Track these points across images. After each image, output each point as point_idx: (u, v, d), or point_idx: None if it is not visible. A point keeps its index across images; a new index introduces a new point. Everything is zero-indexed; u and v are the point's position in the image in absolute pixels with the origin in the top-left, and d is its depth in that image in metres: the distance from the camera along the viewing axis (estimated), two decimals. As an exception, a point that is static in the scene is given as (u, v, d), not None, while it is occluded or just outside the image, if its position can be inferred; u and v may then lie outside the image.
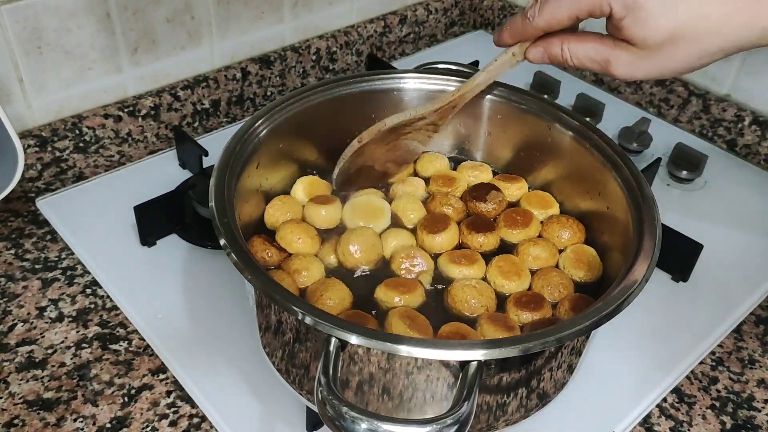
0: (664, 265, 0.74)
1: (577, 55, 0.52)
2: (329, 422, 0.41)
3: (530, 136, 0.69)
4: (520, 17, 0.54)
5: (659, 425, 0.61)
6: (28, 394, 0.59)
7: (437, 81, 0.70)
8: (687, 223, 0.74)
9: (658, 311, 0.70)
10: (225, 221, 0.51)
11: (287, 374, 0.54)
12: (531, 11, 0.52)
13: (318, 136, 0.69)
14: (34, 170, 0.82)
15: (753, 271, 0.75)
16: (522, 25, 0.54)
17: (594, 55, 0.51)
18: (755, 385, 0.65)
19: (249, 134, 0.61)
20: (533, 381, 0.50)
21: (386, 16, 1.09)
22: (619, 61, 0.50)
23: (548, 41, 0.54)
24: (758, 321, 0.71)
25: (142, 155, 0.87)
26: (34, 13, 0.75)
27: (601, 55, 0.51)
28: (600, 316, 0.46)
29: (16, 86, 0.78)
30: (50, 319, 0.66)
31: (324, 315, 0.45)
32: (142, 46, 0.85)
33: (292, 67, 1.00)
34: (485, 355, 0.43)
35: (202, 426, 0.58)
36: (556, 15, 0.51)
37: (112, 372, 0.62)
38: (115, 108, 0.86)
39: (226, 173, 0.56)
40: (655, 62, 0.49)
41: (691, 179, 0.87)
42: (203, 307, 0.67)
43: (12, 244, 0.73)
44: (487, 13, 1.20)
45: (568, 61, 0.53)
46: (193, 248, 0.73)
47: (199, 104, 0.92)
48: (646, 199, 0.56)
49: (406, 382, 0.47)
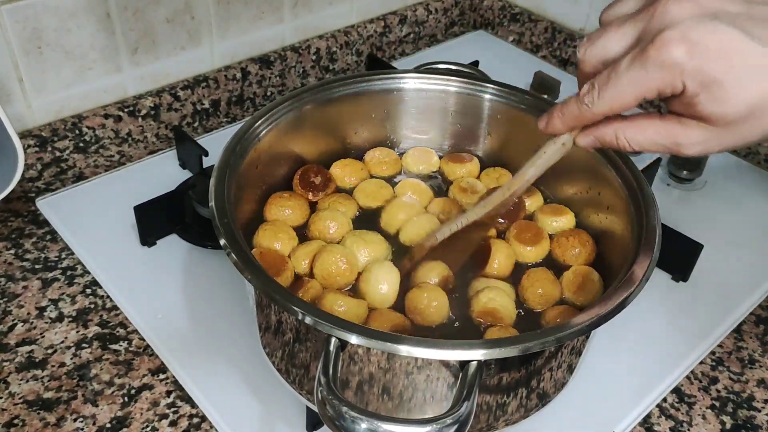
0: (664, 265, 0.74)
1: (637, 141, 0.46)
2: (329, 422, 0.41)
3: (530, 136, 0.68)
4: (575, 103, 0.47)
5: (659, 425, 0.61)
6: (28, 394, 0.59)
7: (437, 81, 0.70)
8: (687, 223, 0.74)
9: (658, 311, 0.70)
10: (225, 221, 0.51)
11: (287, 374, 0.54)
12: (588, 97, 0.45)
13: (318, 136, 0.69)
14: (34, 170, 0.82)
15: (753, 271, 0.75)
16: (579, 112, 0.47)
17: (659, 139, 0.45)
18: (755, 385, 0.65)
19: (249, 134, 0.61)
20: (533, 381, 0.50)
21: (386, 16, 1.09)
22: (691, 141, 0.44)
23: (600, 130, 0.48)
24: (758, 321, 0.71)
25: (142, 155, 0.87)
26: (34, 13, 0.75)
27: (669, 139, 0.45)
28: (600, 316, 0.46)
29: (16, 86, 0.78)
30: (50, 319, 0.66)
31: (324, 315, 0.45)
32: (142, 46, 0.85)
33: (292, 67, 1.00)
34: (485, 355, 0.43)
35: (202, 426, 0.58)
36: (620, 99, 0.44)
37: (112, 372, 0.62)
38: (115, 108, 0.86)
39: (226, 173, 0.56)
40: (731, 137, 0.44)
41: (691, 179, 0.87)
42: (203, 307, 0.67)
43: (12, 244, 0.73)
44: (487, 13, 1.20)
45: (626, 148, 0.47)
46: (193, 248, 0.73)
47: (199, 104, 0.92)
48: (646, 199, 0.56)
49: (406, 382, 0.47)
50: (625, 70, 0.43)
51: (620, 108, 0.45)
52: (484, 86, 0.69)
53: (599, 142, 0.48)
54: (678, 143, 0.45)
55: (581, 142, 0.50)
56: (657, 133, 0.46)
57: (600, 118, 0.47)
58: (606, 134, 0.48)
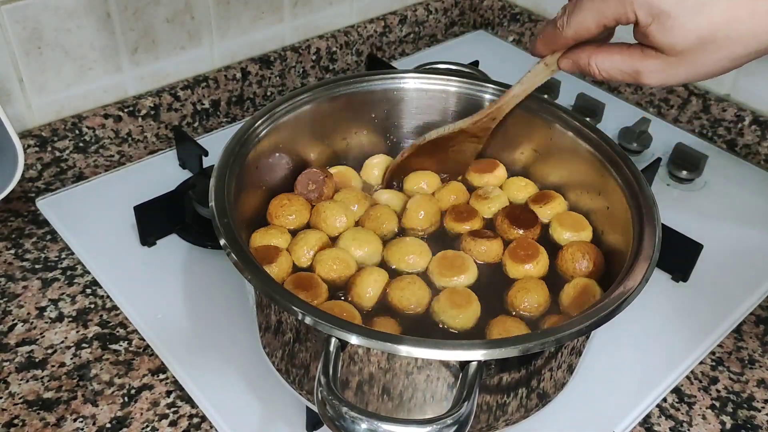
0: (664, 265, 0.74)
1: (604, 68, 0.51)
2: (329, 422, 0.41)
3: (530, 136, 0.69)
4: (551, 27, 0.53)
5: (659, 425, 0.61)
6: (28, 394, 0.59)
7: (437, 81, 0.70)
8: (687, 223, 0.74)
9: (658, 311, 0.70)
10: (225, 221, 0.51)
11: (287, 374, 0.54)
12: (560, 21, 0.51)
13: (318, 136, 0.69)
14: (34, 170, 0.82)
15: (753, 271, 0.75)
16: (553, 35, 0.53)
17: (622, 66, 0.50)
18: (755, 385, 0.65)
19: (249, 134, 0.61)
20: (533, 381, 0.50)
21: (386, 16, 1.09)
22: (649, 70, 0.49)
23: (577, 54, 0.53)
24: (758, 321, 0.71)
25: (142, 155, 0.87)
26: (34, 13, 0.75)
27: (630, 66, 0.50)
28: (600, 316, 0.46)
29: (16, 86, 0.78)
30: (50, 319, 0.66)
31: (324, 315, 0.45)
32: (142, 46, 0.85)
33: (292, 67, 1.00)
34: (485, 355, 0.43)
35: (202, 426, 0.58)
36: (584, 24, 0.50)
37: (112, 372, 0.62)
38: (115, 108, 0.86)
39: (226, 173, 0.56)
40: (686, 68, 0.48)
41: (691, 179, 0.87)
42: (203, 307, 0.67)
43: (12, 244, 0.73)
44: (487, 13, 1.20)
45: (596, 75, 0.52)
46: (193, 248, 0.73)
47: (199, 104, 0.92)
48: (646, 199, 0.56)
49: (406, 382, 0.47)
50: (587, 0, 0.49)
51: (586, 33, 0.50)
52: (484, 86, 0.69)
53: (575, 64, 0.54)
54: (638, 72, 0.49)
55: (562, 64, 0.56)
56: (621, 61, 0.50)
57: (571, 42, 0.52)
58: (581, 58, 0.53)
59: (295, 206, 0.63)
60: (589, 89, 1.01)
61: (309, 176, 0.66)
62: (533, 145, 0.69)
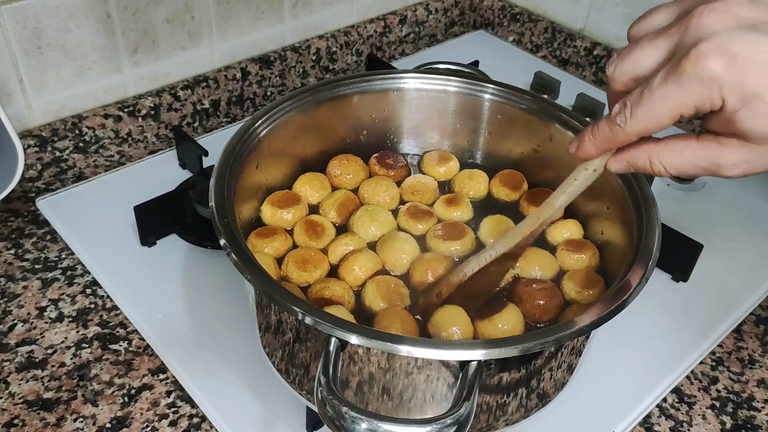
0: (664, 265, 0.74)
1: (673, 164, 0.44)
2: (329, 422, 0.41)
3: (530, 136, 0.69)
4: (606, 124, 0.44)
5: (659, 425, 0.61)
6: (28, 394, 0.59)
7: (437, 81, 0.70)
8: (687, 223, 0.74)
9: (658, 311, 0.70)
10: (225, 221, 0.51)
11: (287, 374, 0.54)
12: (621, 116, 0.43)
13: (318, 136, 0.69)
14: (34, 170, 0.82)
15: (753, 271, 0.75)
16: (611, 134, 0.44)
17: (698, 162, 0.43)
18: (755, 385, 0.65)
19: (249, 134, 0.61)
20: (533, 381, 0.50)
21: (386, 16, 1.09)
22: (732, 163, 0.42)
23: (631, 153, 0.45)
24: (758, 321, 0.71)
25: (142, 155, 0.87)
26: (34, 13, 0.75)
27: (708, 161, 0.42)
28: (600, 316, 0.46)
29: (16, 86, 0.78)
30: (50, 319, 0.66)
31: (324, 315, 0.45)
32: (142, 46, 0.85)
33: (292, 67, 1.00)
34: (485, 355, 0.43)
35: (202, 426, 0.58)
36: (655, 118, 0.41)
37: (112, 372, 0.62)
38: (115, 108, 0.86)
39: (226, 173, 0.56)
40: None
41: (691, 179, 0.86)
42: (203, 307, 0.67)
43: (12, 244, 0.73)
44: (487, 13, 1.20)
45: (661, 173, 0.44)
46: (193, 248, 0.73)
47: (199, 104, 0.92)
48: (646, 199, 0.56)
49: (406, 382, 0.47)
50: (658, 86, 0.40)
51: (655, 127, 0.42)
52: (484, 86, 0.69)
53: (632, 166, 0.46)
54: (718, 164, 0.42)
55: (613, 167, 0.47)
56: (695, 155, 0.43)
57: (634, 139, 0.44)
58: (639, 158, 0.45)
59: (353, 166, 0.68)
60: (589, 89, 1.01)
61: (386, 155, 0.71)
62: (533, 145, 0.69)
